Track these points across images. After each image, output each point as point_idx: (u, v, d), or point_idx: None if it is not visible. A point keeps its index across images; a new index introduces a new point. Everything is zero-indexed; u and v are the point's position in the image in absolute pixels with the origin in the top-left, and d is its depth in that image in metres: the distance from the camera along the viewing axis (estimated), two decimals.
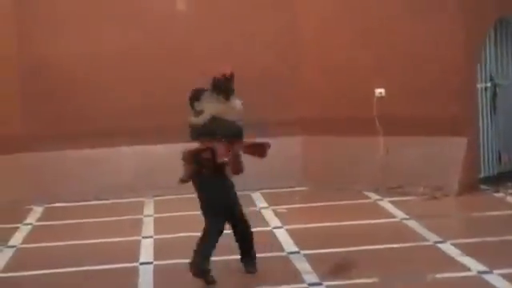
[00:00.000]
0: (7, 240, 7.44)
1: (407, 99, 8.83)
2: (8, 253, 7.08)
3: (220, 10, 9.40)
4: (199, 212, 5.98)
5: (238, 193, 6.20)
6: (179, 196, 8.08)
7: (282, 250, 6.81)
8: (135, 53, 9.19)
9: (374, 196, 8.77)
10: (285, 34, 9.38)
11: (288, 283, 5.91)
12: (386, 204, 8.39)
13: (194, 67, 9.22)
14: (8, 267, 6.66)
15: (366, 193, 8.89)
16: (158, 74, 9.22)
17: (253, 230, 7.25)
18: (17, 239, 7.58)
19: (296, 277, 6.03)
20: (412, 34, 8.79)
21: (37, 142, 9.05)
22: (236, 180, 9.17)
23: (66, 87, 9.14)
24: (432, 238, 6.91)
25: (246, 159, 6.20)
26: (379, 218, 7.83)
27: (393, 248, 6.73)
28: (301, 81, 9.37)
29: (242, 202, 6.21)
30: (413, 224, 7.46)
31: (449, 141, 8.65)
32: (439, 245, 6.70)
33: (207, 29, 9.33)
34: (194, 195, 6.06)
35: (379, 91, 8.97)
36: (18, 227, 8.04)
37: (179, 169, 5.94)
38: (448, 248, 6.59)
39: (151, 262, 6.47)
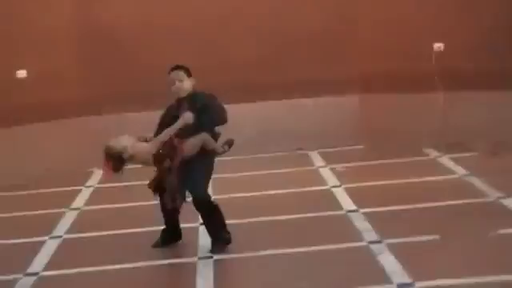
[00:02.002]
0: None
1: (467, 53, 8.64)
2: (72, 215, 7.23)
3: None
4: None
5: (297, 152, 6.13)
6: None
7: (341, 208, 6.80)
8: (188, 17, 9.17)
9: (433, 153, 8.66)
10: None
11: (348, 241, 5.90)
12: (445, 160, 8.28)
13: (249, 31, 9.22)
14: (72, 229, 6.81)
15: (426, 150, 8.79)
16: (209, 37, 9.20)
17: (312, 188, 7.31)
18: (79, 201, 7.74)
19: (355, 235, 6.01)
20: None
21: (96, 106, 9.18)
22: (294, 139, 9.27)
23: (122, 51, 9.21)
24: (494, 194, 6.80)
25: (306, 117, 6.12)
26: (439, 175, 7.73)
27: (453, 205, 6.65)
28: (357, 37, 9.24)
29: (299, 161, 6.13)
30: (473, 180, 7.35)
31: (511, 95, 8.45)
32: (502, 200, 6.59)
33: None
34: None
35: (438, 45, 8.80)
36: (80, 190, 8.21)
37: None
38: (510, 203, 6.48)
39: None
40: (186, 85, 5.84)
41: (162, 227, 6.01)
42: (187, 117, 5.73)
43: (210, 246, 5.86)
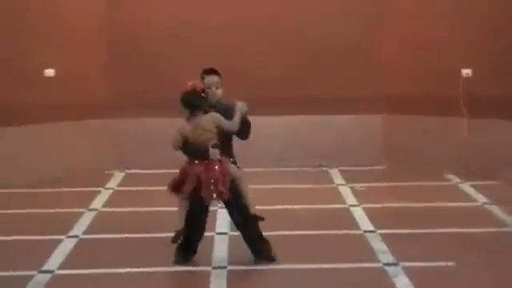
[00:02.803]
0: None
1: (495, 80, 8.59)
2: (90, 216, 7.27)
3: None
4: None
5: (318, 169, 6.11)
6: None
7: (358, 228, 6.77)
8: (217, 29, 9.21)
9: (454, 178, 8.61)
10: (370, 7, 9.26)
11: (363, 262, 5.87)
12: (466, 187, 8.23)
13: (280, 41, 9.24)
14: (89, 230, 6.84)
15: (447, 175, 8.74)
16: (242, 46, 9.23)
17: (330, 206, 7.28)
18: (98, 203, 7.77)
19: (371, 256, 5.99)
20: (503, 12, 8.54)
21: (120, 109, 9.23)
22: (315, 155, 9.25)
23: (150, 56, 9.27)
24: None
25: (328, 134, 6.09)
26: (459, 201, 7.69)
27: (471, 232, 6.60)
28: (385, 57, 9.23)
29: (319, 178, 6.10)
30: (494, 209, 7.30)
31: None
32: None
33: (293, 2, 9.28)
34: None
35: (466, 72, 8.76)
36: (99, 191, 8.25)
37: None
38: None
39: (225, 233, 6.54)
40: (220, 92, 5.77)
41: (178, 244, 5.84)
42: (242, 106, 5.61)
43: (224, 255, 5.85)
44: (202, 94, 5.61)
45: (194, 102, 5.56)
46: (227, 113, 5.65)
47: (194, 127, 5.57)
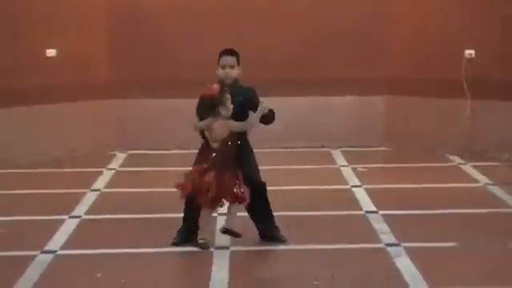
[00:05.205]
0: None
1: (498, 62, 8.56)
2: (92, 196, 7.27)
3: None
4: None
5: (320, 149, 6.11)
6: None
7: (360, 208, 6.77)
8: (225, 10, 9.17)
9: (457, 160, 8.60)
10: None
11: (365, 242, 5.88)
12: (469, 169, 8.22)
13: (281, 26, 9.20)
14: (92, 210, 6.85)
15: (449, 156, 8.74)
16: (243, 27, 9.20)
17: (332, 187, 7.27)
18: (100, 183, 7.78)
19: (373, 236, 5.99)
20: None
21: (123, 90, 9.22)
22: (317, 136, 9.25)
23: (153, 37, 9.24)
24: None
25: (326, 115, 6.12)
26: (461, 182, 7.68)
27: (474, 213, 6.60)
28: (389, 39, 9.20)
29: (321, 159, 6.11)
30: (496, 190, 7.29)
31: None
32: None
33: None
34: None
35: (469, 53, 8.73)
36: (102, 172, 8.26)
37: None
38: None
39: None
40: (235, 72, 5.75)
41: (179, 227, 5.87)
42: (265, 106, 5.63)
43: (226, 236, 5.87)
44: (219, 97, 5.57)
45: (206, 108, 5.58)
46: (246, 95, 5.67)
47: (222, 126, 5.59)
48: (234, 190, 5.57)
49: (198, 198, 5.58)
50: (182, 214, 5.86)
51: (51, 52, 8.77)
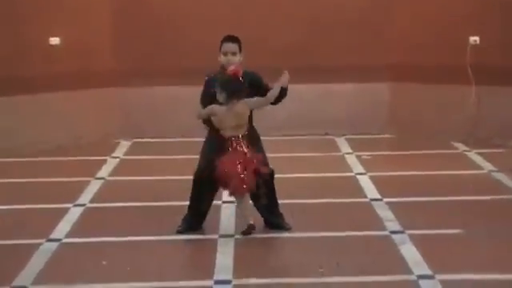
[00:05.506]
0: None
1: (503, 48, 8.53)
2: (96, 184, 7.28)
3: None
4: None
5: (324, 137, 6.09)
6: None
7: (365, 196, 6.77)
8: None
9: (461, 147, 8.59)
10: None
11: (370, 229, 5.88)
12: (473, 155, 8.21)
13: (283, 13, 9.17)
14: (96, 198, 6.86)
15: (454, 143, 8.72)
16: (245, 15, 9.17)
17: (336, 174, 7.24)
18: (105, 171, 7.79)
19: (378, 224, 5.99)
20: None
21: (126, 78, 9.21)
22: (321, 124, 9.23)
23: (156, 25, 9.22)
24: None
25: (335, 102, 6.08)
26: (466, 169, 7.67)
27: (479, 200, 6.59)
28: (392, 26, 9.17)
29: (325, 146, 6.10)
30: (501, 177, 7.28)
31: None
32: None
33: None
34: None
35: (474, 39, 8.69)
36: (106, 160, 8.26)
37: None
38: None
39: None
40: (237, 59, 5.74)
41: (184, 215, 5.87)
42: (285, 79, 5.66)
43: (231, 224, 5.87)
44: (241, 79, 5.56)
45: (233, 88, 5.53)
46: (252, 79, 5.67)
47: (227, 111, 5.55)
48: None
49: (228, 187, 5.55)
50: (186, 202, 5.86)
51: (55, 40, 8.76)
